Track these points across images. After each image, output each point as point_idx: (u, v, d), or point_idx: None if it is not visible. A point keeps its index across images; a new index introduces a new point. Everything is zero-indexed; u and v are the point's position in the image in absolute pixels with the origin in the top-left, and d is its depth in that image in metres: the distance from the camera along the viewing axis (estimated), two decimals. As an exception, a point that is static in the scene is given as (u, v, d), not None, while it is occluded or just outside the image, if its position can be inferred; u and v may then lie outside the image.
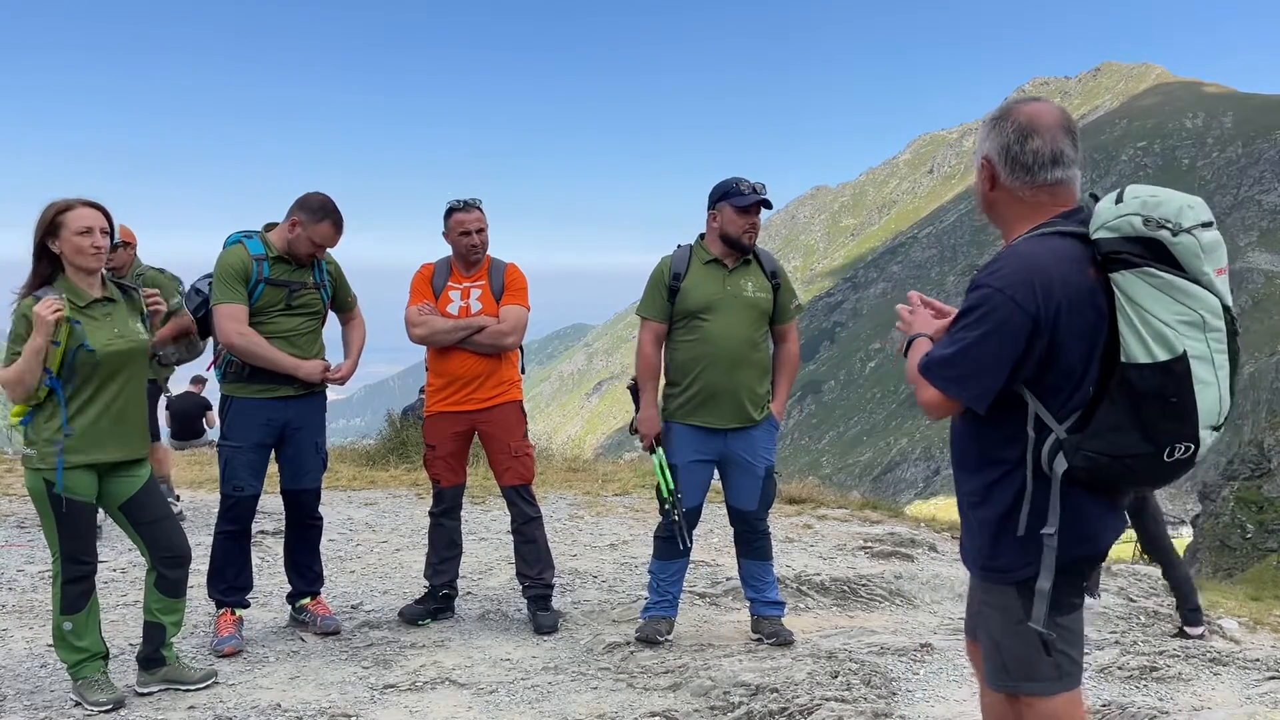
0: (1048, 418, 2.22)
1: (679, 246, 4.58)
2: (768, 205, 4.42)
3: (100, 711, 3.65)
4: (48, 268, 3.63)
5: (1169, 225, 2.13)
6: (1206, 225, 2.14)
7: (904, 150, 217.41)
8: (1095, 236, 2.19)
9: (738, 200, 4.38)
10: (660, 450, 4.43)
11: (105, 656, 3.78)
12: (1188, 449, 2.16)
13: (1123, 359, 2.14)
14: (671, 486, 4.41)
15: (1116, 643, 4.67)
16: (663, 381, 4.53)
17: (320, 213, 4.38)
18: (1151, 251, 2.13)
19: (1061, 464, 2.20)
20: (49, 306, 3.45)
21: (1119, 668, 4.29)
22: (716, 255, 4.46)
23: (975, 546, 2.40)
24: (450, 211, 4.72)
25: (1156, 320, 2.12)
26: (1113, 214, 2.18)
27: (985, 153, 2.36)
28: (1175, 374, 2.11)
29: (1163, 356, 2.12)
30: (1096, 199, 2.28)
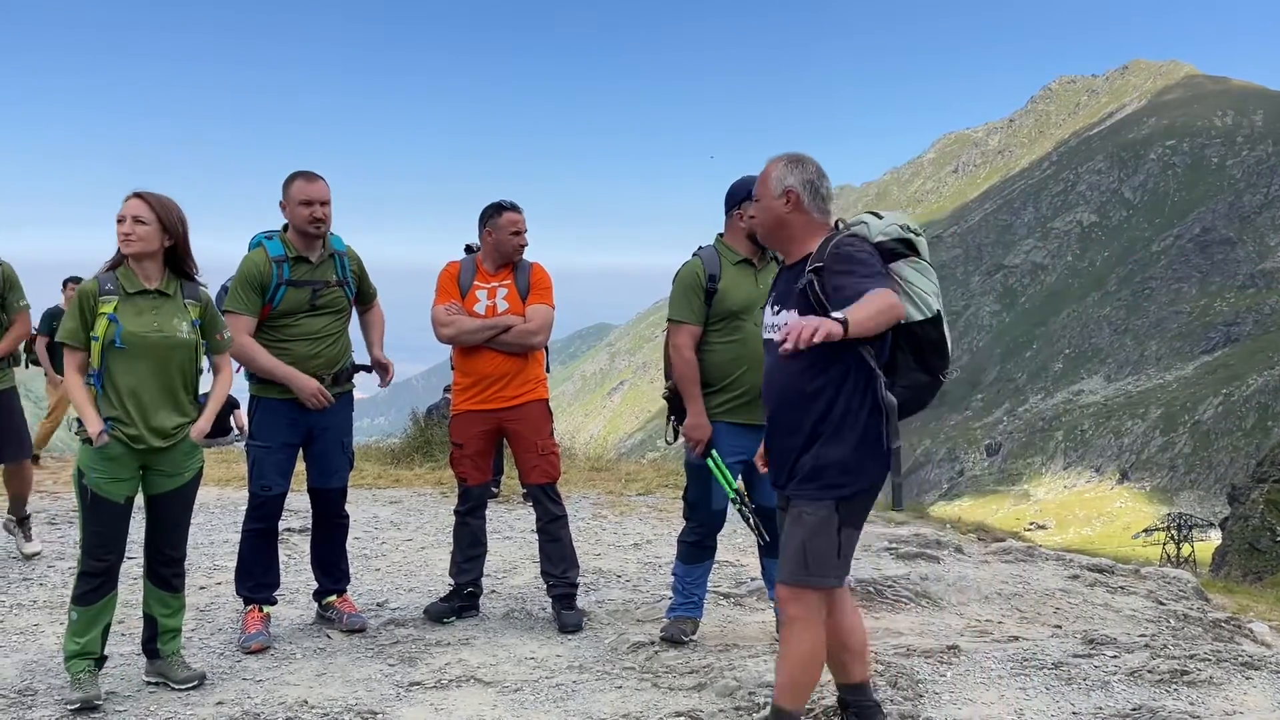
0: (876, 366, 3.10)
1: (701, 248, 4.55)
2: None
3: (70, 710, 3.66)
4: (119, 255, 3.80)
5: (914, 230, 3.20)
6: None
7: (929, 149, 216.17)
8: (877, 241, 3.14)
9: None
10: (715, 452, 4.36)
11: (99, 660, 3.81)
12: (947, 372, 3.22)
13: (903, 321, 3.05)
14: (735, 484, 4.35)
15: (1146, 646, 4.61)
16: None
17: (289, 179, 4.46)
18: (909, 248, 3.16)
19: (891, 398, 3.07)
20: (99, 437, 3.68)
21: (1149, 671, 4.24)
22: (745, 255, 4.43)
23: (823, 469, 3.12)
24: (500, 210, 4.74)
25: (921, 291, 3.12)
26: (883, 225, 3.18)
27: (790, 185, 3.23)
28: (936, 324, 3.14)
29: (929, 314, 3.12)
30: (840, 224, 3.24)
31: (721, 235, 4.52)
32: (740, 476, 4.50)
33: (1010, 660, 4.35)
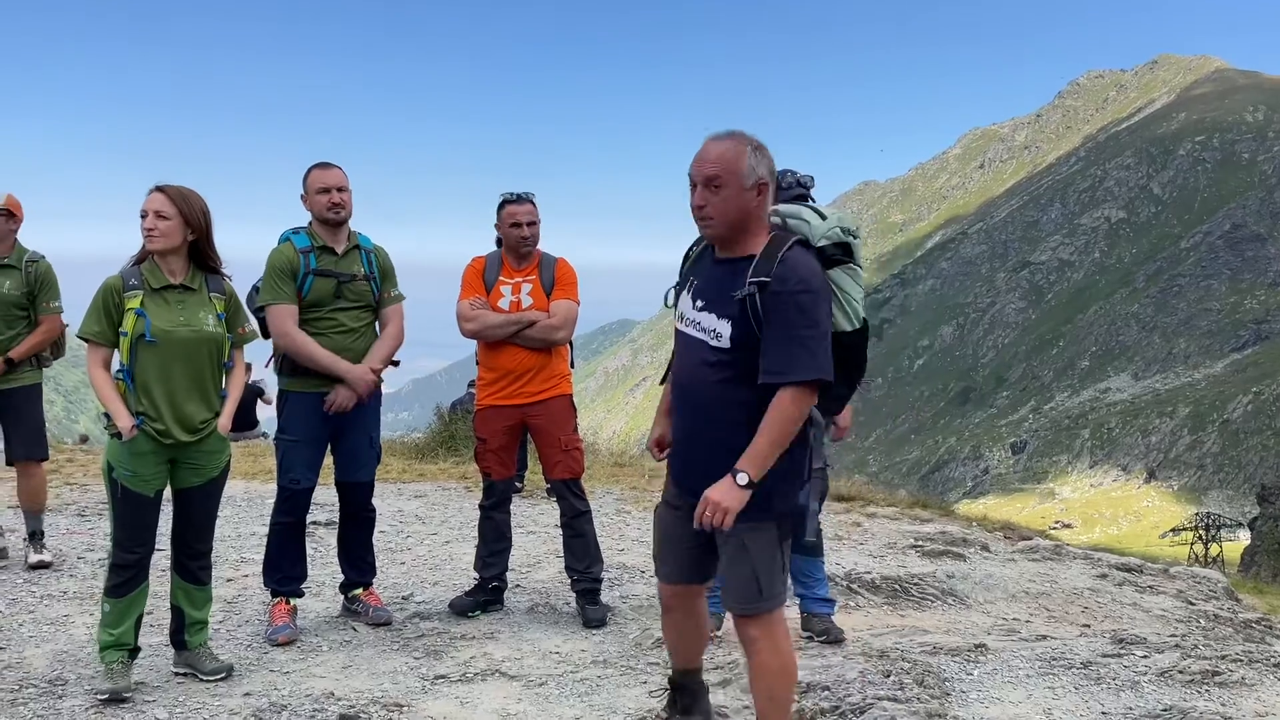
0: None
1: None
2: (806, 198, 4.35)
3: (100, 700, 3.69)
4: (144, 249, 3.81)
5: (853, 232, 3.03)
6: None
7: (954, 145, 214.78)
8: (819, 245, 2.94)
9: (780, 194, 4.32)
10: None
11: (132, 652, 3.84)
12: (865, 382, 3.15)
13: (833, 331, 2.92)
14: None
15: (1177, 646, 4.56)
16: None
17: (306, 172, 4.49)
18: (845, 252, 2.98)
19: (818, 414, 2.93)
20: (129, 431, 3.68)
21: (1180, 671, 4.19)
22: None
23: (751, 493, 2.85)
24: (503, 203, 4.75)
25: (853, 300, 2.98)
26: (826, 228, 2.98)
27: (763, 176, 2.88)
28: (864, 334, 3.02)
29: (857, 325, 2.99)
30: (775, 217, 3.01)
31: None
32: None
33: (1038, 659, 4.31)
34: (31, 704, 3.67)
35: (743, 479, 2.79)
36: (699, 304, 2.99)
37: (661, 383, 3.35)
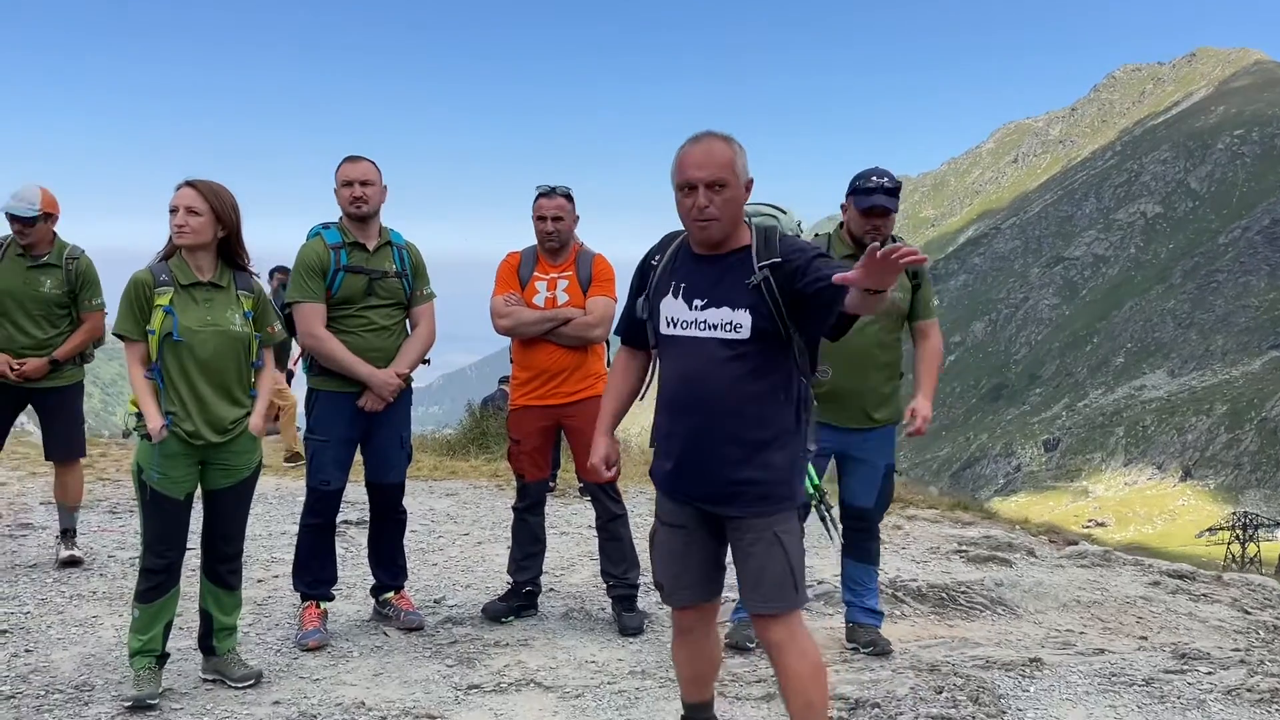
0: (805, 363, 2.92)
1: (816, 235, 4.35)
2: (885, 210, 4.16)
3: (126, 707, 3.60)
4: (171, 245, 3.71)
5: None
6: None
7: (988, 139, 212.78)
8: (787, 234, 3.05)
9: (859, 200, 4.15)
10: None
11: (161, 658, 3.74)
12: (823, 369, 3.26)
13: None
14: (817, 482, 4.19)
15: (1242, 661, 4.35)
16: None
17: (338, 168, 4.38)
18: None
19: (811, 396, 2.97)
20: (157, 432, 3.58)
21: (1248, 689, 3.98)
22: (853, 251, 4.14)
23: (775, 482, 2.87)
24: (536, 197, 4.62)
25: None
26: (791, 222, 3.51)
27: (749, 173, 2.91)
28: None
29: None
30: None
31: (842, 225, 4.31)
32: (824, 474, 4.31)
33: (1097, 675, 4.12)
34: (58, 710, 3.58)
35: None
36: (700, 303, 2.92)
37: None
